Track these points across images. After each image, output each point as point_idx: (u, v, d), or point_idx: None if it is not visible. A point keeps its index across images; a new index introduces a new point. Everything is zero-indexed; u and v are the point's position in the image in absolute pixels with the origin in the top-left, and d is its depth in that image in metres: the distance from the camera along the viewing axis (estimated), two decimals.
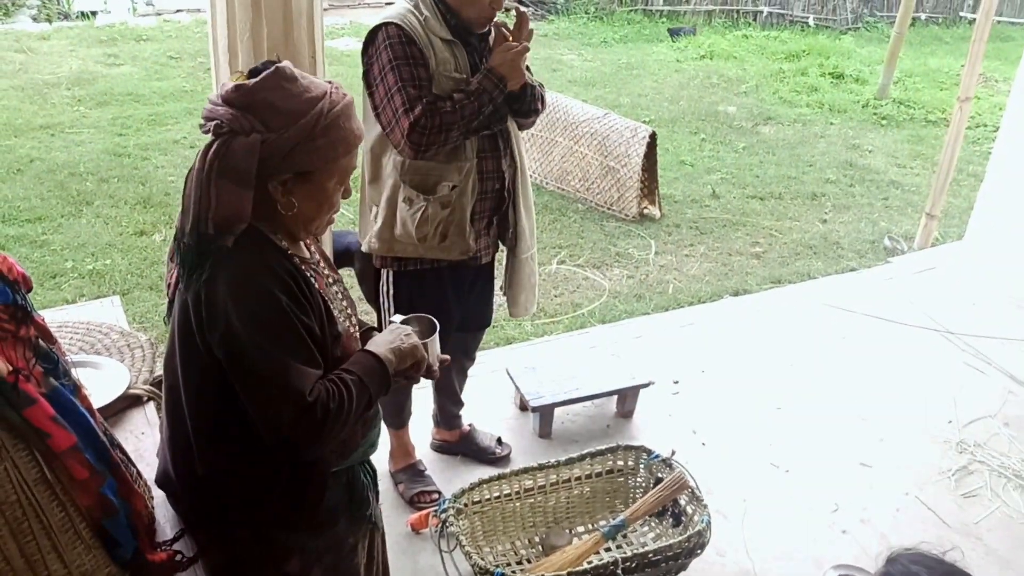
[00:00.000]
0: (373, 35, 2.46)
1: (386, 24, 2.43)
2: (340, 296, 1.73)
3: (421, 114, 2.34)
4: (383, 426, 3.04)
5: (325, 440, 1.57)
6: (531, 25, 2.55)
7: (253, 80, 1.49)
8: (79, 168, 6.06)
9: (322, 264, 1.73)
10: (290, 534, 1.67)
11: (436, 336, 1.83)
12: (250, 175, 1.46)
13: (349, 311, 1.74)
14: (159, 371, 2.14)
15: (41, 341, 1.50)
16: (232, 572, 1.72)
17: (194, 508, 1.70)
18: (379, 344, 1.68)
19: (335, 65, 8.48)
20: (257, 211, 1.50)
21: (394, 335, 1.71)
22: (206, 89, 2.16)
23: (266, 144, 1.46)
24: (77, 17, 10.85)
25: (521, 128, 2.75)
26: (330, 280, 1.72)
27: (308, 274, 1.59)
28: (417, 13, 2.47)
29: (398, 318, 1.88)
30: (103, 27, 10.33)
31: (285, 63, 1.52)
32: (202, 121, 1.52)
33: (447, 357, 1.90)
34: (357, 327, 1.77)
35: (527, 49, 2.48)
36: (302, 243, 1.67)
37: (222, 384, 1.52)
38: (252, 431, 1.55)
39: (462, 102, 2.40)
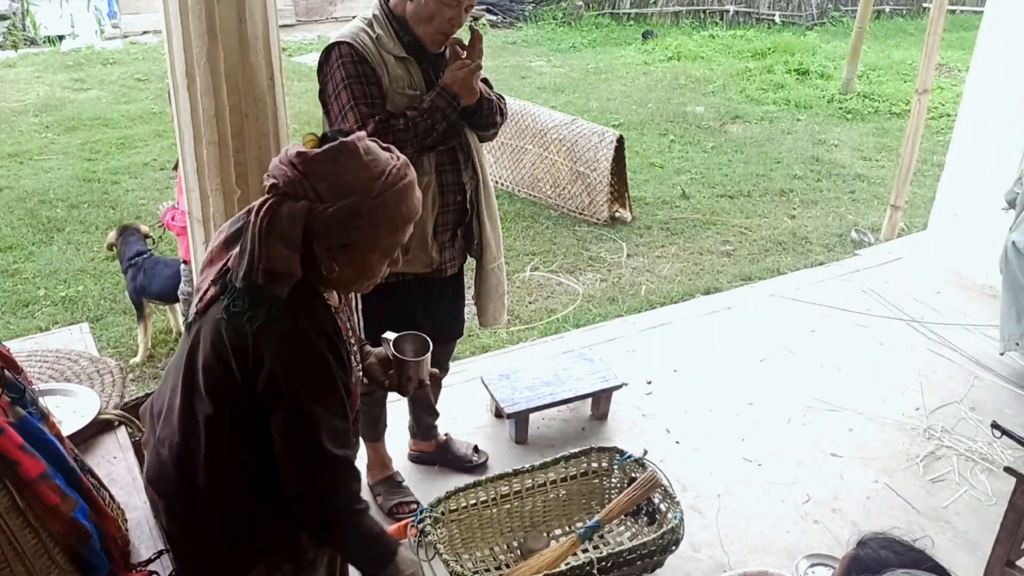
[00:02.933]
0: (327, 54, 2.51)
1: (339, 43, 2.47)
2: (352, 341, 1.78)
3: (373, 131, 2.38)
4: (361, 440, 3.09)
5: (331, 513, 1.65)
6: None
7: (316, 151, 1.53)
8: (49, 195, 6.05)
9: (345, 311, 1.79)
10: (253, 544, 1.70)
11: (428, 356, 1.91)
12: (296, 239, 1.51)
13: (356, 351, 1.81)
14: (129, 396, 2.17)
15: (6, 371, 1.52)
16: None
17: (183, 518, 1.71)
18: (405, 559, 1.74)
19: (303, 80, 8.49)
20: (306, 266, 1.56)
21: (410, 564, 1.75)
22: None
23: (312, 213, 1.51)
24: (43, 43, 10.82)
25: (482, 140, 2.79)
26: (349, 329, 1.78)
27: (339, 325, 1.66)
28: (370, 31, 2.51)
29: (390, 336, 1.93)
30: (69, 52, 10.32)
31: (354, 137, 1.55)
32: (265, 175, 1.58)
33: (437, 371, 1.98)
34: (360, 364, 1.84)
35: (480, 67, 2.52)
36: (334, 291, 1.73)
37: (244, 413, 1.59)
38: (260, 455, 1.61)
39: (415, 119, 2.45)
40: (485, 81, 2.66)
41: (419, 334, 1.96)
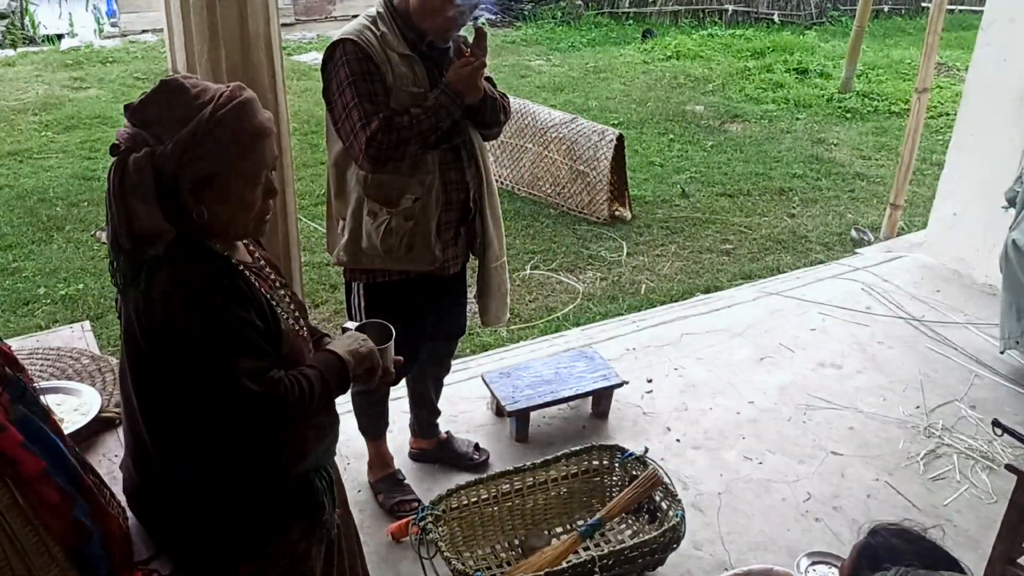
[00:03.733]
0: (331, 52, 2.50)
1: (343, 41, 2.47)
2: (288, 300, 1.76)
3: (378, 129, 2.38)
4: (363, 438, 3.10)
5: (280, 426, 1.62)
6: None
7: (141, 97, 1.53)
8: (48, 193, 6.05)
9: (267, 269, 1.76)
10: (245, 538, 1.70)
11: (391, 343, 1.87)
12: (149, 189, 1.47)
13: (297, 314, 1.78)
14: None
15: (8, 369, 1.52)
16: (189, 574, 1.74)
17: (153, 512, 1.73)
18: (337, 346, 1.75)
19: (303, 80, 8.49)
20: (182, 220, 1.53)
21: (351, 339, 1.78)
22: None
23: (157, 157, 1.48)
24: (42, 41, 10.81)
25: (485, 139, 2.79)
26: (277, 284, 1.76)
27: (247, 275, 1.62)
28: (374, 29, 2.50)
29: (351, 325, 1.92)
30: (68, 51, 10.30)
31: (173, 76, 1.55)
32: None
33: (401, 359, 1.93)
34: (305, 330, 1.80)
35: (484, 65, 2.52)
36: (243, 248, 1.71)
37: (170, 388, 1.57)
38: (209, 441, 1.60)
39: (419, 117, 2.44)
40: (489, 80, 2.66)
41: (381, 322, 1.92)
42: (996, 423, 2.66)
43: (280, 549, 1.73)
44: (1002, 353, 3.96)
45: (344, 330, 1.90)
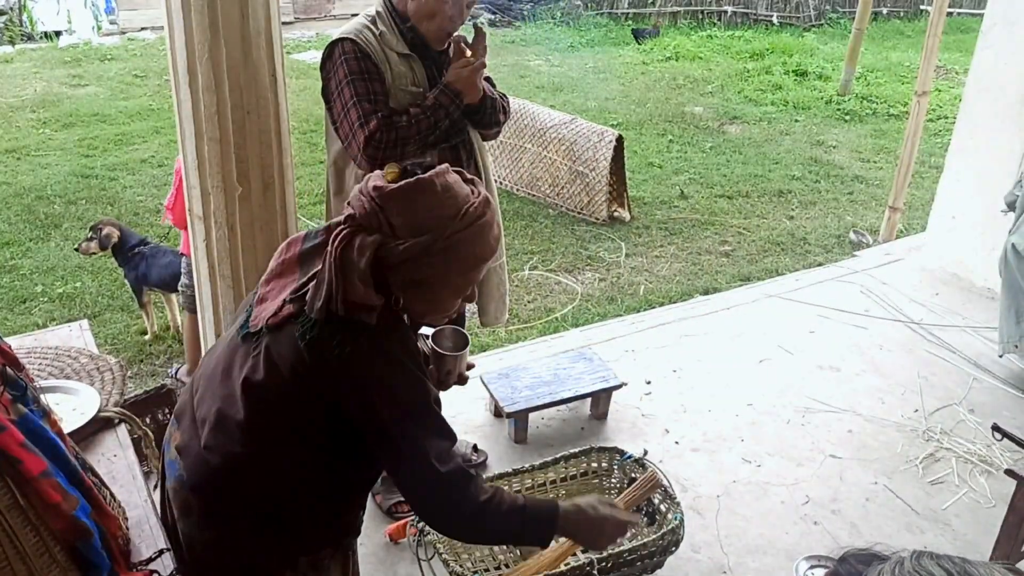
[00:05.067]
0: (330, 51, 2.50)
1: (341, 40, 2.47)
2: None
3: (376, 128, 2.38)
4: None
5: (457, 526, 1.66)
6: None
7: (393, 185, 1.52)
8: (46, 191, 6.03)
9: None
10: (292, 552, 1.70)
11: (468, 348, 1.92)
12: (366, 273, 1.49)
13: None
14: (129, 393, 2.16)
15: (8, 368, 1.51)
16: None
17: (222, 523, 1.69)
18: (576, 507, 1.75)
19: (302, 78, 8.47)
20: (386, 295, 1.55)
21: (601, 516, 1.77)
22: (173, 108, 2.19)
23: (384, 247, 1.50)
24: (41, 38, 10.78)
25: (484, 139, 2.78)
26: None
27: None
28: (373, 28, 2.50)
29: (428, 331, 1.93)
30: (67, 48, 10.28)
31: (432, 174, 1.54)
32: (345, 203, 1.58)
33: (474, 364, 1.99)
34: None
35: (484, 65, 2.52)
36: None
37: (316, 431, 1.58)
38: (321, 465, 1.62)
39: (417, 116, 2.44)
40: (488, 80, 2.65)
41: (457, 328, 1.96)
42: (995, 427, 2.65)
43: (311, 563, 1.72)
44: (1001, 357, 3.96)
45: (421, 336, 1.92)
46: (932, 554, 1.22)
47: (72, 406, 2.05)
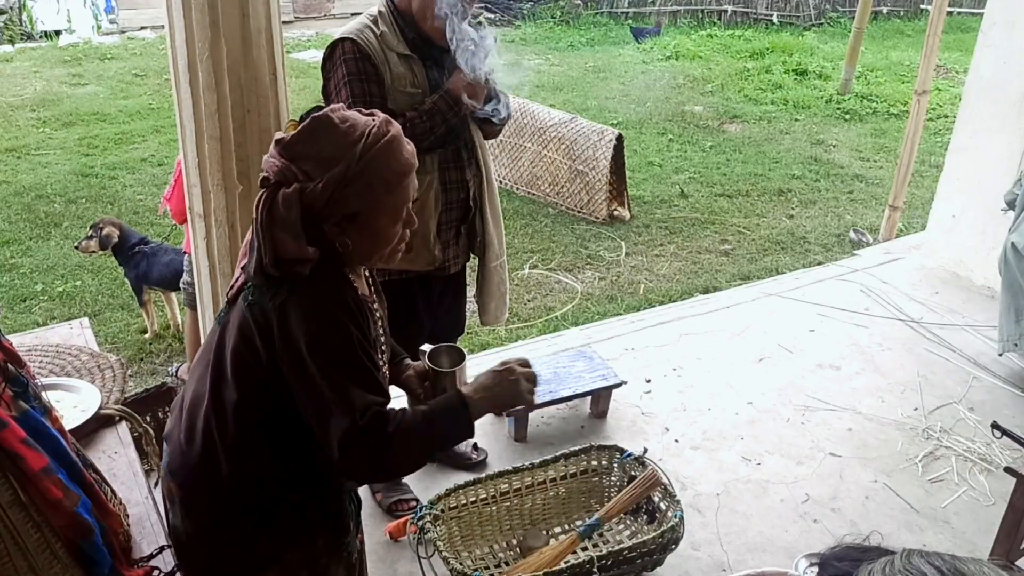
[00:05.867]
0: (331, 50, 2.50)
1: (342, 40, 2.47)
2: (383, 334, 1.78)
3: None
4: None
5: (378, 467, 1.60)
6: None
7: (292, 133, 1.54)
8: (46, 190, 6.04)
9: (375, 304, 1.78)
10: (275, 545, 1.69)
11: (465, 364, 1.91)
12: (296, 225, 1.51)
13: (384, 348, 1.79)
14: (130, 391, 2.16)
15: (10, 365, 1.52)
16: None
17: (203, 511, 1.68)
18: (474, 385, 1.72)
19: (302, 77, 8.47)
20: (324, 247, 1.55)
21: (496, 377, 1.72)
22: (173, 106, 2.20)
23: (305, 194, 1.51)
24: (40, 37, 10.79)
25: (487, 137, 2.79)
26: (380, 322, 1.77)
27: (365, 310, 1.63)
28: (375, 28, 2.50)
29: (426, 348, 1.94)
30: (67, 47, 10.29)
31: (325, 110, 1.56)
32: (261, 171, 1.58)
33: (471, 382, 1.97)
34: (387, 367, 1.82)
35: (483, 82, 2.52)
36: (363, 279, 1.74)
37: (272, 396, 1.58)
38: (286, 443, 1.62)
39: (414, 120, 2.44)
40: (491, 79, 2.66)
41: (454, 345, 1.97)
42: (995, 425, 2.66)
43: (302, 558, 1.71)
44: (1000, 355, 3.96)
45: (420, 353, 1.94)
46: (922, 552, 1.22)
47: (73, 403, 2.06)
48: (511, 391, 1.71)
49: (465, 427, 1.66)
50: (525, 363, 1.75)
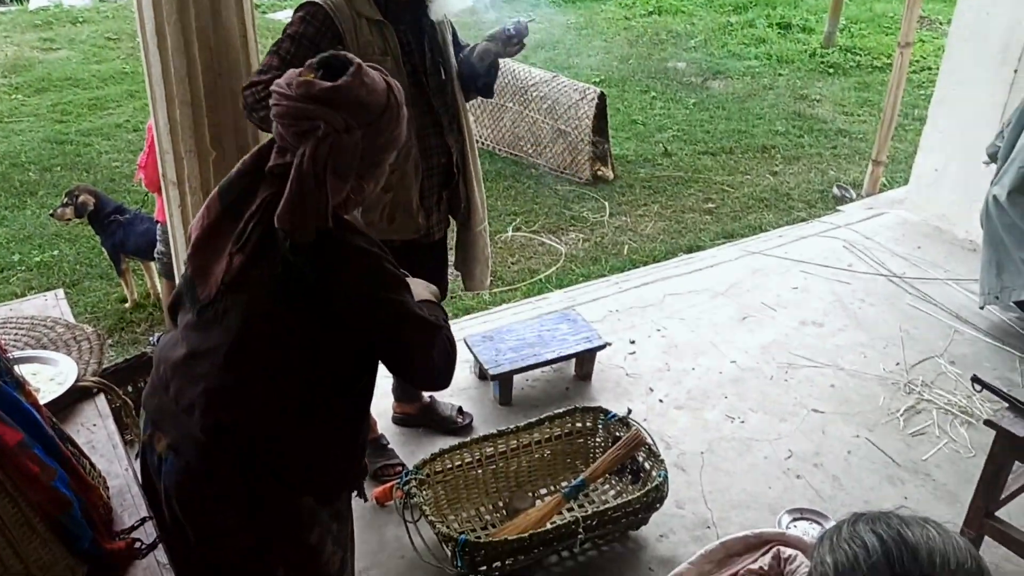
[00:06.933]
0: (299, 8, 2.42)
1: (310, 2, 2.38)
2: None
3: (250, 84, 2.25)
4: None
5: (450, 371, 1.76)
6: None
7: (342, 79, 1.56)
8: (20, 158, 5.94)
9: None
10: (312, 503, 1.74)
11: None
12: (354, 168, 1.58)
13: None
14: (108, 363, 2.13)
15: None
16: (260, 548, 1.74)
17: (244, 470, 1.68)
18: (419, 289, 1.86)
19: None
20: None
21: (420, 284, 1.88)
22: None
23: (364, 137, 1.58)
24: (10, 1, 10.54)
25: (468, 99, 2.74)
26: None
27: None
28: None
29: None
30: (37, 11, 10.04)
31: (354, 59, 1.60)
32: (289, 119, 1.57)
33: None
34: None
35: None
36: None
37: (317, 352, 1.64)
38: (328, 400, 1.68)
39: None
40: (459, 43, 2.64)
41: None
42: (975, 379, 2.68)
43: (331, 513, 1.80)
44: (981, 308, 3.99)
45: None
46: (869, 517, 1.22)
47: (49, 376, 2.03)
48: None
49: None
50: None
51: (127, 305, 4.30)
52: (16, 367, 1.61)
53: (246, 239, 1.60)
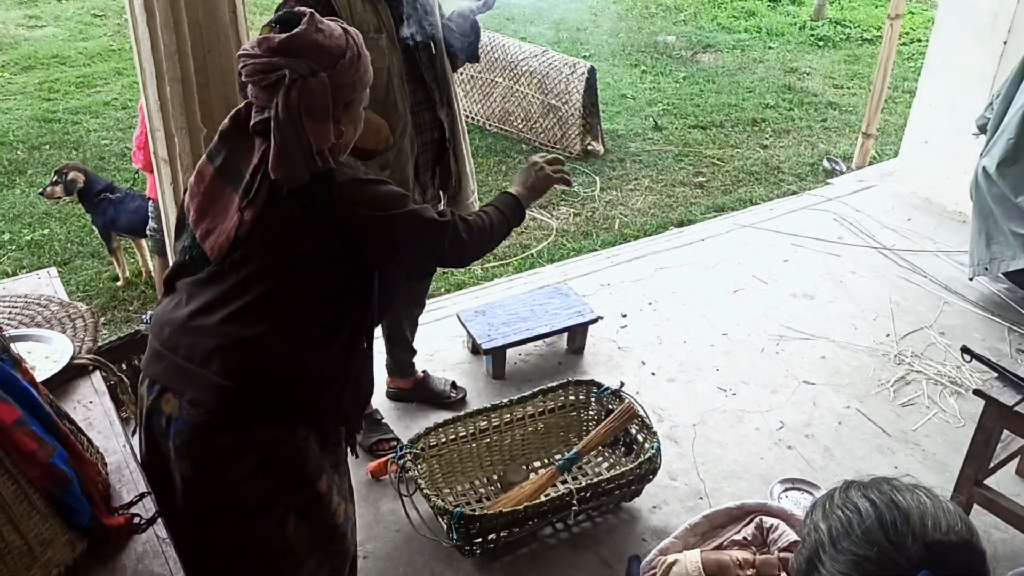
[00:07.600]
0: None
1: None
2: None
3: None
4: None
5: (475, 251, 1.94)
6: None
7: (298, 28, 1.63)
8: (8, 137, 5.89)
9: None
10: (317, 450, 1.82)
11: None
12: (328, 109, 1.65)
13: None
14: (103, 340, 2.14)
15: None
16: (271, 498, 1.78)
17: (260, 411, 1.75)
18: (515, 183, 2.11)
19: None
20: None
21: (527, 172, 2.12)
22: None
23: (332, 79, 1.64)
24: None
25: (455, 67, 2.73)
26: None
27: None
28: None
29: None
30: None
31: (310, 10, 1.67)
32: (258, 76, 1.63)
33: None
34: None
35: None
36: None
37: (332, 279, 1.76)
38: (339, 325, 1.79)
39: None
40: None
41: None
42: (964, 349, 2.70)
43: (333, 460, 1.90)
44: (971, 280, 4.02)
45: None
46: (861, 484, 1.24)
47: (45, 354, 2.03)
48: (542, 176, 2.10)
49: (521, 214, 2.06)
50: (546, 158, 2.15)
51: (119, 283, 4.30)
52: (12, 345, 1.61)
53: (255, 192, 1.67)
